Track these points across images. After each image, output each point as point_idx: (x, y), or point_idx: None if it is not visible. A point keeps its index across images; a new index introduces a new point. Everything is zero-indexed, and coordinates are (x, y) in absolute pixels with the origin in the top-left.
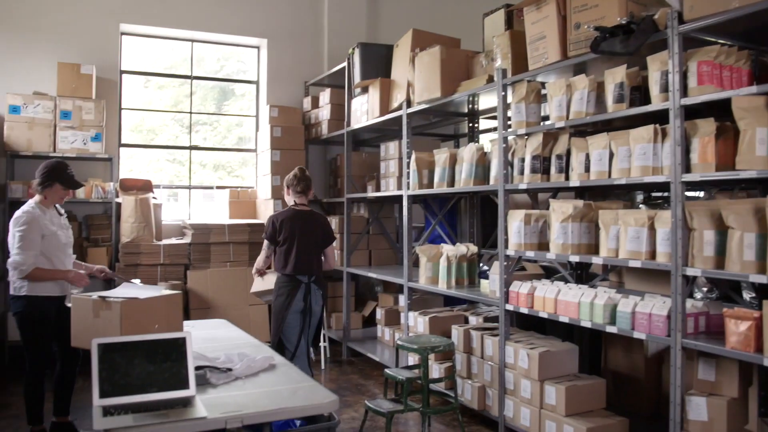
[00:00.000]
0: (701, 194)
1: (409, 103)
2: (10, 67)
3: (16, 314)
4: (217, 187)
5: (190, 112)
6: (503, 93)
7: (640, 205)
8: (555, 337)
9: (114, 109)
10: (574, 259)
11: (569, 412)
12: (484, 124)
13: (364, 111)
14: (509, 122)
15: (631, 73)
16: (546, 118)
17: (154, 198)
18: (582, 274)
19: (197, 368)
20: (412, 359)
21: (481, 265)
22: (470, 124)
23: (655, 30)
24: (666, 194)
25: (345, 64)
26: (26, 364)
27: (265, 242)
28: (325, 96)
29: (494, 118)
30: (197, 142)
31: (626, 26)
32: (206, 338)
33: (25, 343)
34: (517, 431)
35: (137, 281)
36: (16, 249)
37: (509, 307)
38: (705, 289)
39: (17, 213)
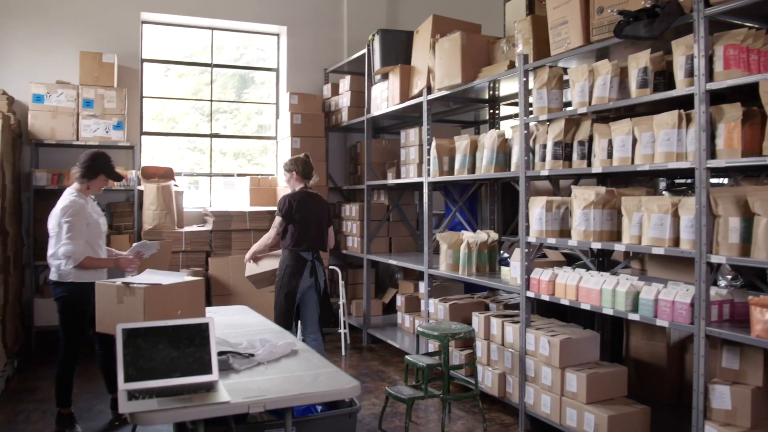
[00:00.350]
0: (725, 181)
1: (429, 90)
2: (33, 57)
3: (58, 299)
4: (238, 175)
5: (211, 100)
6: (525, 79)
7: (664, 192)
8: (576, 324)
9: (135, 98)
10: (596, 246)
11: (590, 399)
12: (505, 110)
13: (384, 98)
14: (531, 108)
15: (655, 58)
16: (568, 104)
17: (175, 186)
18: (604, 262)
19: (220, 354)
20: (432, 346)
21: (501, 252)
22: (491, 111)
23: (680, 13)
24: (689, 181)
25: (365, 50)
26: (61, 348)
27: (278, 219)
28: (345, 83)
29: (515, 104)
30: (217, 130)
31: (651, 10)
32: (228, 324)
33: (64, 327)
34: (537, 418)
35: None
36: (65, 239)
37: (530, 294)
38: (729, 276)
39: (63, 203)
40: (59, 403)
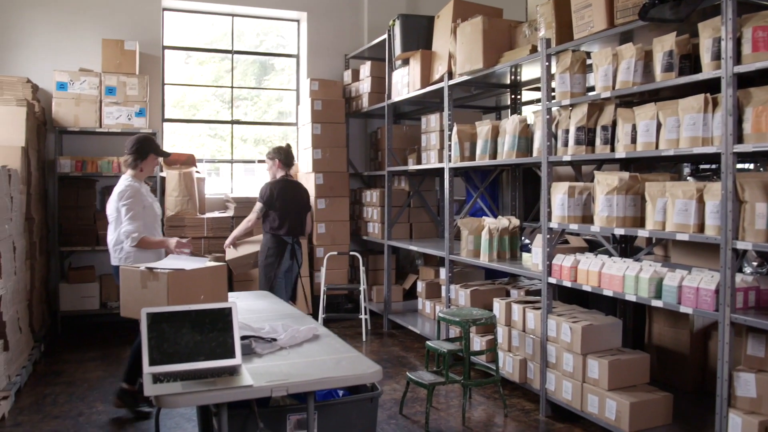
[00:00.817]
0: (751, 166)
1: (450, 75)
2: (57, 45)
3: None
4: (259, 161)
5: (231, 87)
6: (547, 63)
7: (688, 178)
8: (598, 311)
9: (157, 85)
10: (619, 232)
11: (612, 386)
12: (526, 95)
13: (404, 83)
14: (553, 93)
15: (680, 41)
16: (591, 88)
17: (197, 172)
18: (626, 248)
19: (243, 338)
20: (453, 332)
21: (523, 238)
22: (512, 96)
23: None
24: (715, 166)
25: (385, 36)
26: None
27: (259, 205)
28: (365, 69)
29: (537, 89)
30: (238, 116)
31: None
32: (250, 309)
33: None
34: (558, 404)
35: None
36: (126, 220)
37: (552, 280)
38: (755, 263)
39: (119, 188)
40: (126, 378)
